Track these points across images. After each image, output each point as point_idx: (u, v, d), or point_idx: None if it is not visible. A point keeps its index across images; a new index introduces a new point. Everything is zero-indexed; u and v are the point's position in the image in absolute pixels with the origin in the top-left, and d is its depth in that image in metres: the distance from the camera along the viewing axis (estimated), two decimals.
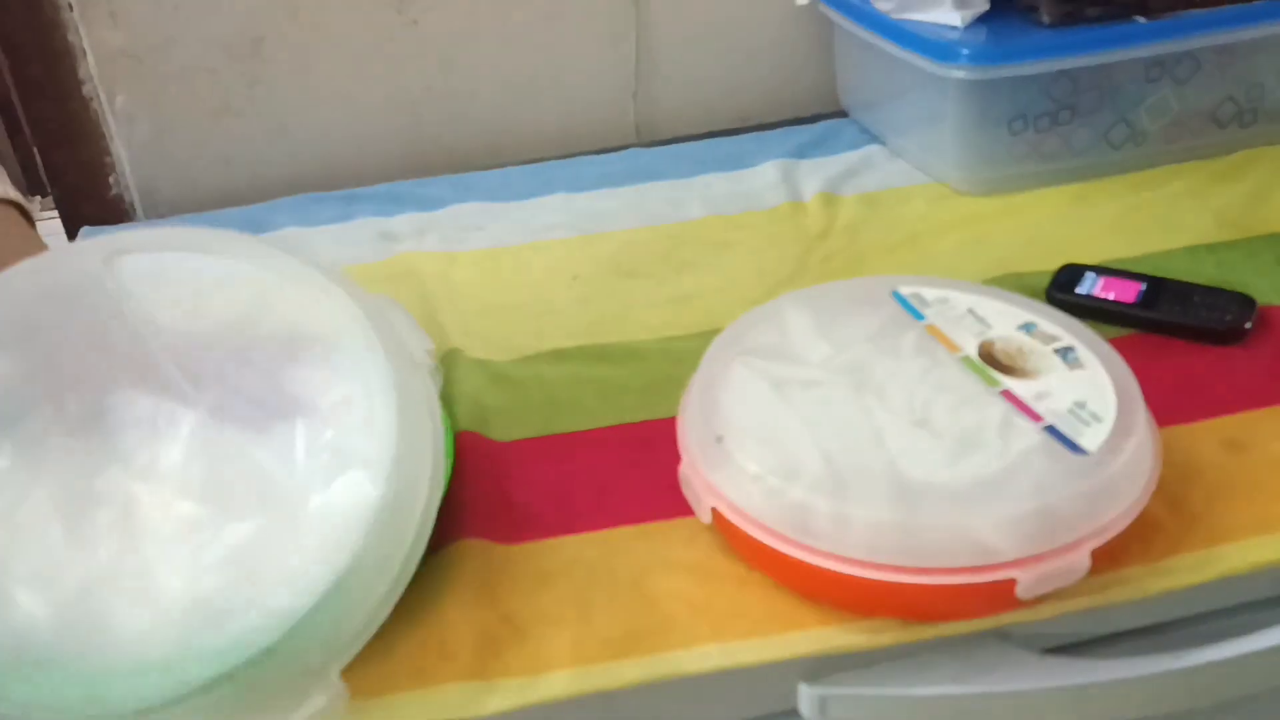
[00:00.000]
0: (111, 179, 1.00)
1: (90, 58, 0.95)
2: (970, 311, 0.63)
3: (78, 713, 0.46)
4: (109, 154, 1.00)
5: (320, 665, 0.49)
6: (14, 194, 0.70)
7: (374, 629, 0.51)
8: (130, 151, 1.00)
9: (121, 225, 0.99)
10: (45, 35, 0.94)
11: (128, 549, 0.50)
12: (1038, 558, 0.50)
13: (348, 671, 0.51)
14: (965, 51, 0.83)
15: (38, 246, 0.70)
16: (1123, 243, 0.81)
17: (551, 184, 0.96)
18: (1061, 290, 0.74)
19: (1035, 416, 0.55)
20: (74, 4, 0.93)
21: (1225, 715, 0.59)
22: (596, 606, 0.54)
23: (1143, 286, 0.73)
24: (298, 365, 0.56)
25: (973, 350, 0.60)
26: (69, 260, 0.59)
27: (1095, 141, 0.89)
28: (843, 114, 1.06)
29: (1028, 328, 0.61)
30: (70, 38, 0.94)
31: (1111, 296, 0.73)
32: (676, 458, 0.58)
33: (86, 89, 0.97)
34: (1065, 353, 0.59)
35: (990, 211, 0.87)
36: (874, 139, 1.00)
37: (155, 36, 0.95)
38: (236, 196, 1.00)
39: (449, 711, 0.50)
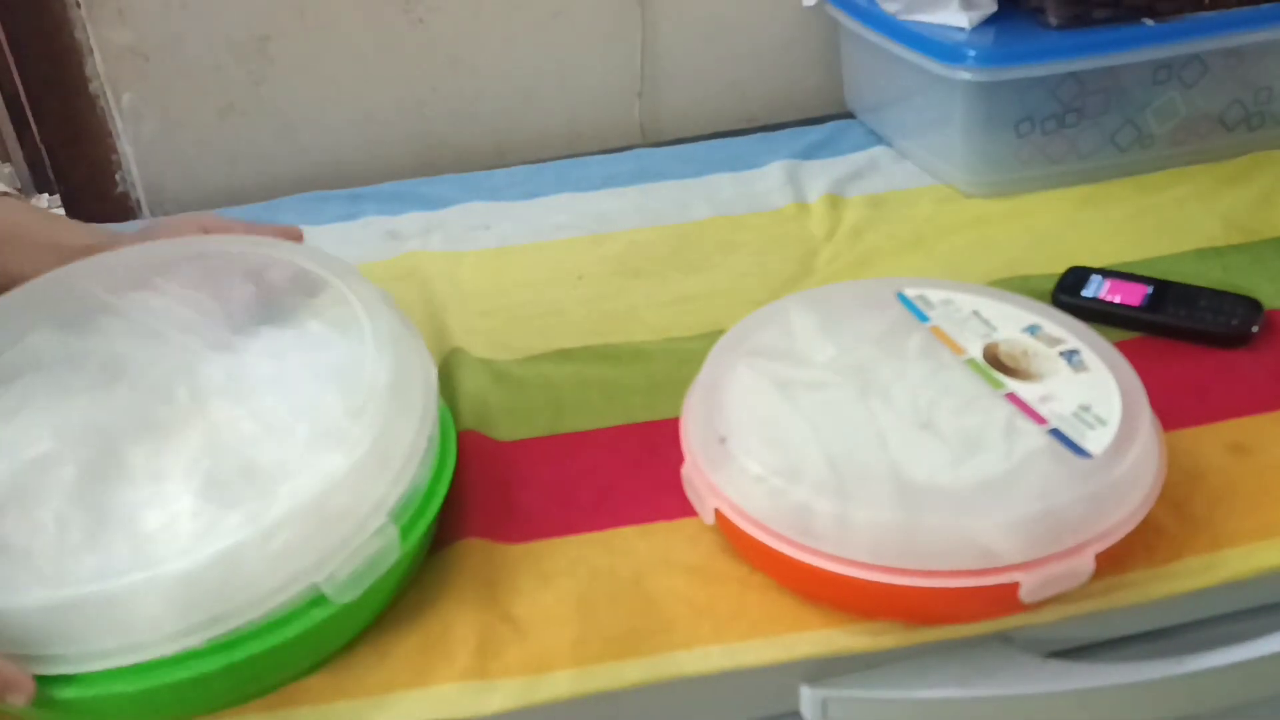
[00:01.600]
0: (118, 176, 1.01)
1: (97, 55, 0.95)
2: (975, 314, 0.63)
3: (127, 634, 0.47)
4: (116, 151, 1.00)
5: (370, 510, 0.52)
6: (5, 186, 0.70)
7: (412, 469, 0.54)
8: (137, 149, 1.00)
9: (127, 223, 0.99)
10: (53, 33, 0.94)
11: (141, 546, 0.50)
12: (1041, 561, 0.50)
13: (349, 665, 0.52)
14: (972, 53, 0.83)
15: (60, 221, 0.69)
16: (1129, 246, 0.81)
17: (557, 184, 0.96)
18: (1067, 293, 0.74)
19: (1040, 419, 0.55)
20: (81, 2, 0.93)
21: None
22: (598, 607, 0.54)
23: (1149, 289, 0.73)
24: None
25: (977, 352, 0.60)
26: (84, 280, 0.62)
27: (1102, 144, 0.89)
28: (849, 115, 1.06)
29: (1033, 330, 0.61)
30: (78, 35, 0.95)
31: (1117, 299, 0.72)
32: (680, 458, 0.58)
33: (93, 87, 0.97)
34: (1070, 355, 0.59)
35: (996, 214, 0.87)
36: (880, 140, 1.00)
37: (162, 35, 0.96)
38: (242, 194, 1.00)
39: (450, 711, 0.50)
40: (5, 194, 0.68)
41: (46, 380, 0.57)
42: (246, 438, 0.54)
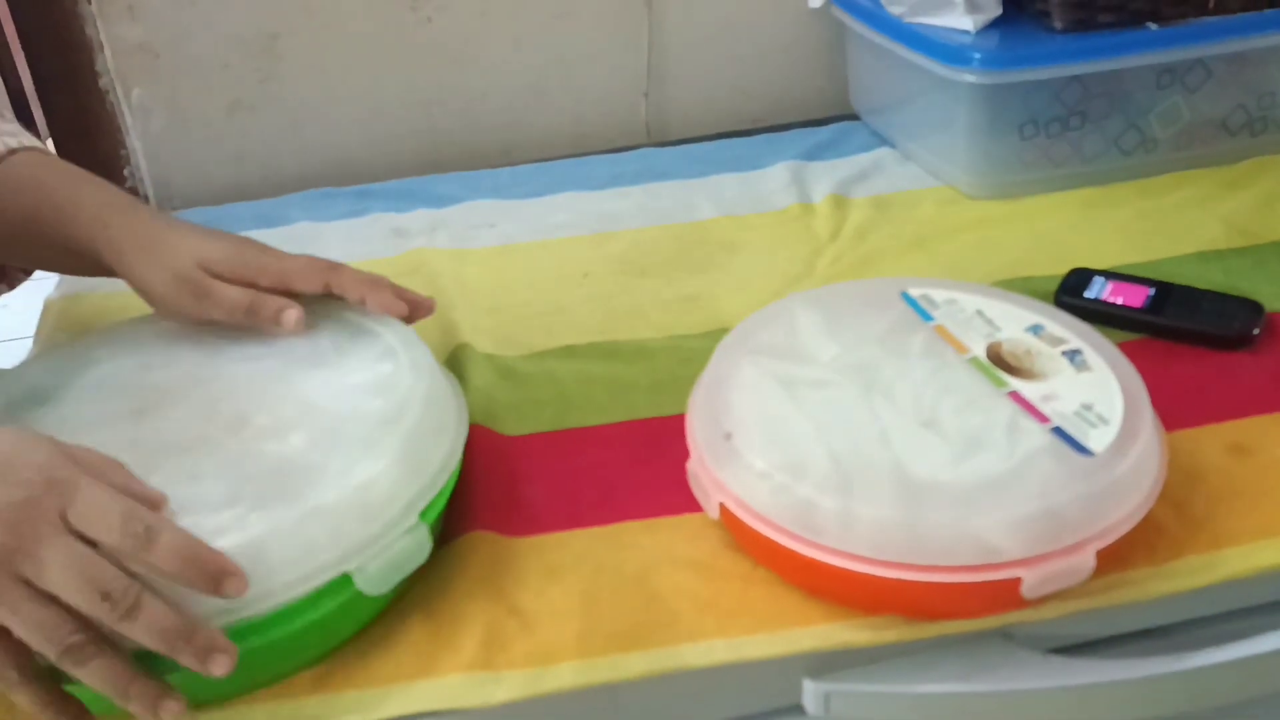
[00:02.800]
0: (126, 172, 1.01)
1: (107, 51, 0.96)
2: (979, 313, 0.63)
3: None
4: (124, 147, 1.00)
5: (401, 512, 0.53)
6: (33, 140, 0.68)
7: (445, 477, 0.56)
8: (145, 145, 1.00)
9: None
10: (63, 29, 0.94)
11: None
12: (1043, 558, 0.50)
13: (356, 655, 0.52)
14: (977, 56, 0.84)
15: (85, 178, 0.68)
16: (1132, 248, 0.81)
17: (563, 182, 0.97)
18: (1070, 294, 0.74)
19: (1042, 418, 0.55)
20: None
21: (1227, 718, 0.59)
22: (603, 600, 0.55)
23: (1151, 291, 0.73)
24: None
25: (981, 351, 0.60)
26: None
27: (1106, 147, 0.89)
28: (854, 117, 1.06)
29: (1036, 330, 0.61)
30: (88, 31, 0.95)
31: (1120, 301, 0.73)
32: (684, 454, 0.59)
33: (103, 82, 0.97)
34: (1073, 355, 0.59)
35: (1000, 215, 0.87)
36: (885, 142, 1.01)
37: (172, 31, 0.96)
38: (249, 191, 1.01)
39: (456, 701, 0.51)
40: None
41: (97, 404, 0.59)
42: (283, 445, 0.54)
